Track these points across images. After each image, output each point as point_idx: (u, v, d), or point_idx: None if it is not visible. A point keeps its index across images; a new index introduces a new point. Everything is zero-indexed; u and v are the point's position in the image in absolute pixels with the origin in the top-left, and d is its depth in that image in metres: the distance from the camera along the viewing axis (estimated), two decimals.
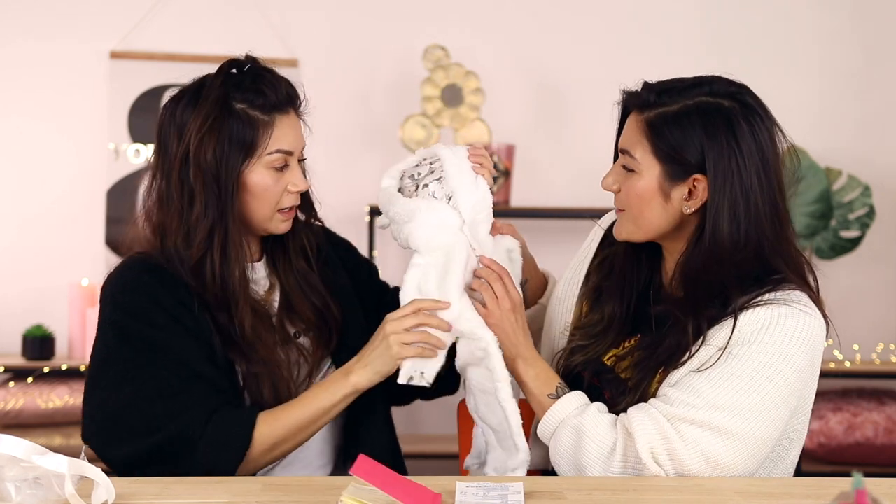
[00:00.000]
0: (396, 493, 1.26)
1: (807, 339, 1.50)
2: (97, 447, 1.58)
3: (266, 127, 1.64)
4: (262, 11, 3.64)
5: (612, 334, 1.66)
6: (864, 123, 3.82)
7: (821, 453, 3.43)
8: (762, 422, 1.47)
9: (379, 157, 3.66)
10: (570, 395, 1.57)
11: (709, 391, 1.47)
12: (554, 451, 1.55)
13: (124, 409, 1.55)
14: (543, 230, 3.62)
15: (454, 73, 3.56)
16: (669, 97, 1.55)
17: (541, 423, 1.58)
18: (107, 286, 1.65)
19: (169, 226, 1.65)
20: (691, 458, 1.46)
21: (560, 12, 3.78)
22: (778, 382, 1.47)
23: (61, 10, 3.62)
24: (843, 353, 3.67)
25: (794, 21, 3.83)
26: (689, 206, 1.55)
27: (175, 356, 1.58)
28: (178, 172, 1.63)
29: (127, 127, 3.63)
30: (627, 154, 1.58)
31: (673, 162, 1.53)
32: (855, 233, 3.68)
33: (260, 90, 1.64)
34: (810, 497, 1.38)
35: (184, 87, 1.68)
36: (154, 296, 1.61)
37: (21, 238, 3.61)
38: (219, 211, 1.62)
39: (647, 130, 1.55)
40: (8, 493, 1.21)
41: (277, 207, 1.67)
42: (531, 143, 3.69)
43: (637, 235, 1.61)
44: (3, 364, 3.32)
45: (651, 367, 1.56)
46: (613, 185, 1.61)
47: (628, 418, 1.50)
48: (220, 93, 1.63)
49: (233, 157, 1.62)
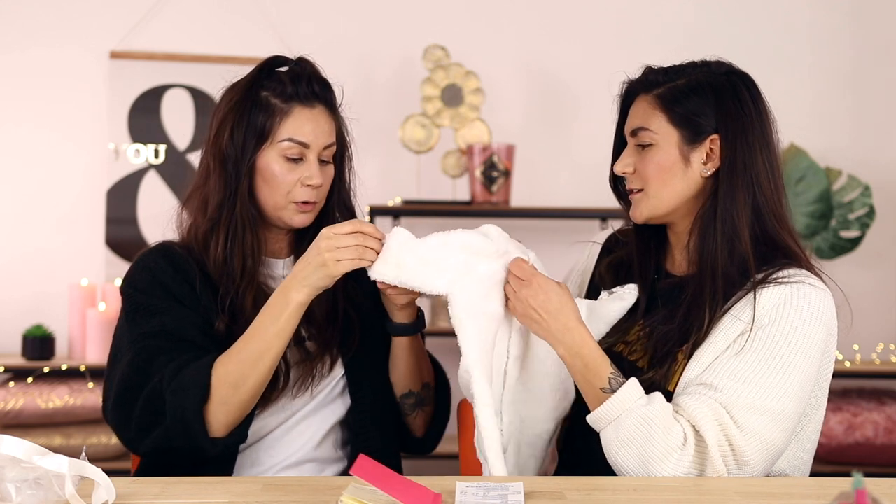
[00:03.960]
0: (396, 493, 1.25)
1: (824, 311, 1.56)
2: (114, 425, 1.63)
3: (282, 114, 1.67)
4: (262, 11, 3.64)
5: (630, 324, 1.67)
6: (864, 123, 3.83)
7: (821, 453, 3.43)
8: (799, 397, 1.52)
9: (379, 157, 3.66)
10: (631, 384, 1.52)
11: (751, 374, 1.50)
12: (614, 438, 1.50)
13: (122, 379, 1.61)
14: (543, 230, 3.62)
15: (454, 73, 3.56)
16: (676, 74, 1.64)
17: (598, 411, 1.52)
18: (130, 268, 1.72)
19: (191, 205, 1.72)
20: (750, 447, 1.48)
21: (560, 12, 3.78)
22: (807, 356, 1.53)
23: (61, 11, 3.62)
24: (843, 353, 3.68)
25: (795, 21, 3.83)
26: (707, 168, 1.61)
27: (167, 322, 1.62)
28: (204, 155, 1.72)
29: (127, 127, 3.63)
30: (642, 130, 1.63)
31: (689, 125, 1.61)
32: (855, 233, 3.68)
33: (287, 80, 1.69)
34: (810, 497, 1.38)
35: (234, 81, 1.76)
36: (162, 274, 1.67)
37: (21, 238, 3.61)
38: (229, 189, 1.67)
39: (659, 103, 1.62)
40: (8, 493, 1.21)
41: (291, 199, 1.69)
42: (531, 143, 3.69)
43: (660, 209, 1.63)
44: (3, 364, 3.32)
45: (676, 340, 1.57)
46: (629, 167, 1.65)
47: (689, 411, 1.49)
48: (251, 80, 1.69)
49: (248, 142, 1.67)
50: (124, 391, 1.60)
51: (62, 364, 3.32)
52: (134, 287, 1.68)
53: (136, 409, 1.58)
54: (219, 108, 1.72)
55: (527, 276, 1.57)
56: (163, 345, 1.60)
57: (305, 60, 1.74)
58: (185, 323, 1.63)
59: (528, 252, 1.64)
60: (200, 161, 1.74)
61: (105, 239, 3.61)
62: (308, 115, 1.69)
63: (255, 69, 1.72)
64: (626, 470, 1.50)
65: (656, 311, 1.64)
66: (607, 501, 1.35)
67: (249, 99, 1.68)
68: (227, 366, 1.57)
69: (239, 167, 1.67)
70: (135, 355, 1.61)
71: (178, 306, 1.65)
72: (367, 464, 1.28)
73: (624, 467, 1.50)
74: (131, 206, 3.61)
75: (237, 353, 1.58)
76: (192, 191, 1.74)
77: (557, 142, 3.73)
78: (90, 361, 3.37)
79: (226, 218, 1.67)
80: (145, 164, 3.64)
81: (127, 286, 1.70)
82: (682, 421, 1.49)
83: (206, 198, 1.69)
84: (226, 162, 1.67)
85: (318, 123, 1.70)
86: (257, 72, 1.71)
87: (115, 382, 1.62)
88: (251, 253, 1.69)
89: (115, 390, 1.61)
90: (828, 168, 3.70)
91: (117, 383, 1.61)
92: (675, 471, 1.47)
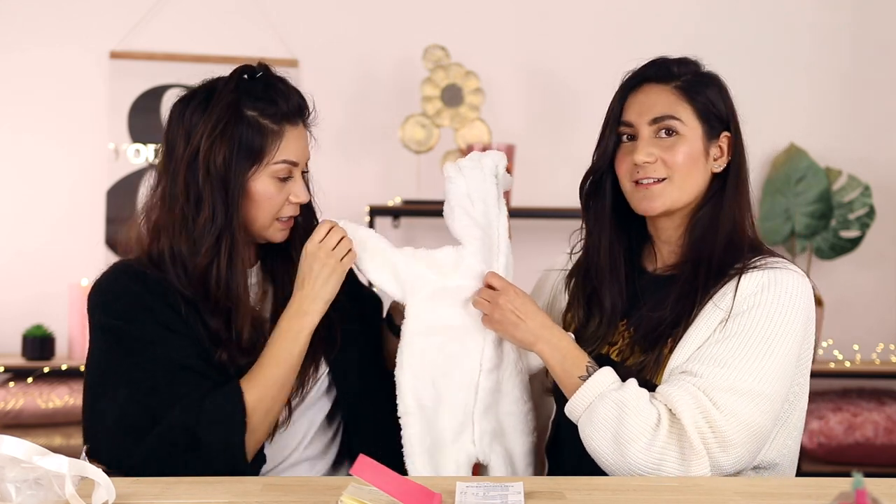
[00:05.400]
0: (396, 493, 1.25)
1: (803, 295, 1.58)
2: (109, 460, 1.54)
3: (275, 136, 1.63)
4: (262, 11, 3.64)
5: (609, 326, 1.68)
6: (864, 123, 3.82)
7: (821, 453, 3.43)
8: (781, 379, 1.54)
9: (379, 157, 3.66)
10: (604, 370, 1.56)
11: (731, 358, 1.51)
12: (588, 424, 1.53)
13: (123, 412, 1.54)
14: (543, 230, 3.62)
15: (454, 73, 3.55)
16: (686, 67, 1.68)
17: (573, 399, 1.56)
18: (94, 294, 1.63)
19: (169, 227, 1.63)
20: (731, 427, 1.48)
21: (560, 12, 3.78)
22: (787, 339, 1.54)
23: (61, 11, 3.62)
24: (843, 353, 3.68)
25: (795, 21, 3.83)
26: (718, 164, 1.66)
27: (164, 353, 1.57)
28: (184, 175, 1.61)
29: (127, 127, 3.63)
30: (671, 118, 1.63)
31: (710, 120, 1.65)
32: (855, 233, 3.68)
33: (272, 99, 1.64)
34: (810, 497, 1.38)
35: (193, 89, 1.67)
36: (142, 301, 1.59)
37: (21, 238, 3.61)
38: (227, 217, 1.61)
39: (683, 95, 1.64)
40: (8, 493, 1.21)
41: (277, 216, 1.67)
42: (531, 143, 3.69)
43: (681, 201, 1.65)
44: (3, 364, 3.32)
45: (668, 323, 1.59)
46: (650, 157, 1.63)
47: (666, 395, 1.51)
48: (232, 98, 1.62)
49: (240, 164, 1.61)
50: (128, 427, 1.53)
51: (62, 364, 3.32)
52: (114, 316, 1.59)
53: (147, 443, 1.52)
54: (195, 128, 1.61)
55: (502, 285, 1.63)
56: (165, 377, 1.55)
57: (274, 73, 1.68)
58: (183, 352, 1.58)
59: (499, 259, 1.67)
60: (176, 185, 1.62)
61: (105, 239, 3.61)
62: (296, 133, 1.67)
63: (230, 85, 1.63)
64: (602, 455, 1.52)
65: (641, 305, 1.65)
66: (607, 501, 1.35)
67: (235, 119, 1.61)
68: (258, 391, 1.58)
69: (234, 193, 1.61)
70: (134, 390, 1.54)
71: (170, 334, 1.58)
72: (367, 464, 1.27)
73: (600, 452, 1.52)
74: (131, 206, 3.60)
75: (264, 379, 1.59)
76: (164, 207, 1.64)
77: (557, 142, 3.73)
78: None
79: (226, 249, 1.61)
80: (145, 164, 3.64)
81: (104, 315, 1.60)
82: (657, 404, 1.51)
83: (202, 229, 1.60)
84: (220, 188, 1.60)
85: (302, 140, 1.68)
86: (234, 87, 1.63)
87: (112, 418, 1.54)
88: (246, 279, 1.66)
89: (113, 427, 1.54)
90: (828, 168, 3.70)
91: (115, 420, 1.54)
92: (647, 452, 1.48)
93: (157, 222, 1.65)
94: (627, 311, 1.69)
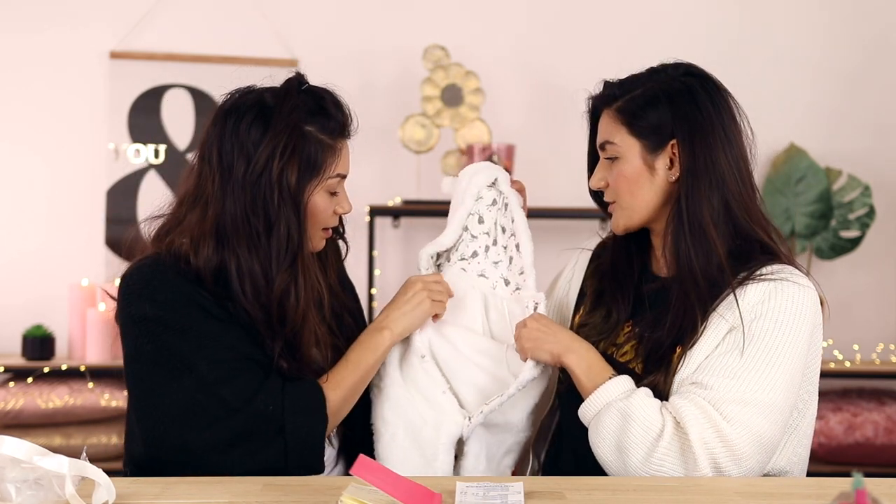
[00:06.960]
0: (396, 493, 1.25)
1: (807, 305, 1.57)
2: (174, 446, 1.53)
3: (332, 151, 1.65)
4: (262, 11, 3.64)
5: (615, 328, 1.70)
6: (864, 123, 3.82)
7: (821, 453, 3.43)
8: (788, 389, 1.53)
9: (379, 157, 3.66)
10: (618, 379, 1.58)
11: (739, 369, 1.51)
12: (595, 432, 1.55)
13: (192, 397, 1.53)
14: (543, 230, 3.62)
15: (454, 73, 3.56)
16: (632, 85, 1.67)
17: (584, 404, 1.59)
18: (132, 285, 1.60)
19: (233, 244, 1.59)
20: (742, 440, 1.48)
21: (560, 13, 3.78)
22: (793, 349, 1.54)
23: (61, 11, 3.62)
24: (843, 353, 3.68)
25: (795, 21, 3.83)
26: (672, 173, 1.64)
27: (223, 342, 1.56)
28: (251, 194, 1.58)
29: (127, 127, 3.63)
30: (607, 143, 1.67)
31: (649, 134, 1.64)
32: (855, 233, 3.69)
33: (329, 114, 1.65)
34: (810, 497, 1.38)
35: (236, 102, 1.63)
36: (187, 291, 1.57)
37: (21, 238, 3.61)
38: (300, 236, 1.60)
39: (619, 116, 1.66)
40: (8, 493, 1.21)
41: (323, 226, 1.68)
42: (531, 143, 3.70)
43: (634, 219, 1.68)
44: (3, 364, 3.32)
45: (668, 345, 1.59)
46: (601, 182, 1.70)
47: (675, 408, 1.51)
48: (294, 116, 1.60)
49: (303, 179, 1.61)
50: (199, 414, 1.52)
51: (62, 364, 3.32)
52: (159, 306, 1.56)
53: (223, 427, 1.52)
54: (258, 147, 1.59)
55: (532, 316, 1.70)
56: (233, 365, 1.55)
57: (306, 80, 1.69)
58: (244, 340, 1.57)
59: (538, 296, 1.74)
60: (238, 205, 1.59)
61: (105, 239, 3.61)
62: (347, 147, 1.70)
63: (289, 100, 1.62)
64: (607, 463, 1.54)
65: (645, 314, 1.66)
66: (607, 501, 1.35)
67: (299, 137, 1.60)
68: (335, 392, 1.62)
69: (302, 209, 1.61)
70: (199, 377, 1.52)
71: (222, 323, 1.57)
72: (367, 464, 1.27)
73: (604, 459, 1.54)
74: (131, 207, 3.61)
75: (342, 381, 1.63)
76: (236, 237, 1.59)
77: (557, 142, 3.73)
78: (90, 361, 3.37)
79: (302, 269, 1.61)
80: (145, 164, 3.64)
81: (148, 305, 1.56)
82: (665, 415, 1.51)
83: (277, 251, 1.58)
84: (294, 204, 1.59)
85: (348, 152, 1.72)
86: (293, 104, 1.62)
87: (178, 407, 1.53)
88: (319, 299, 1.68)
89: (180, 415, 1.53)
90: (828, 168, 3.70)
91: (183, 408, 1.52)
92: (645, 463, 1.49)
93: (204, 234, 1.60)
94: (633, 314, 1.70)
